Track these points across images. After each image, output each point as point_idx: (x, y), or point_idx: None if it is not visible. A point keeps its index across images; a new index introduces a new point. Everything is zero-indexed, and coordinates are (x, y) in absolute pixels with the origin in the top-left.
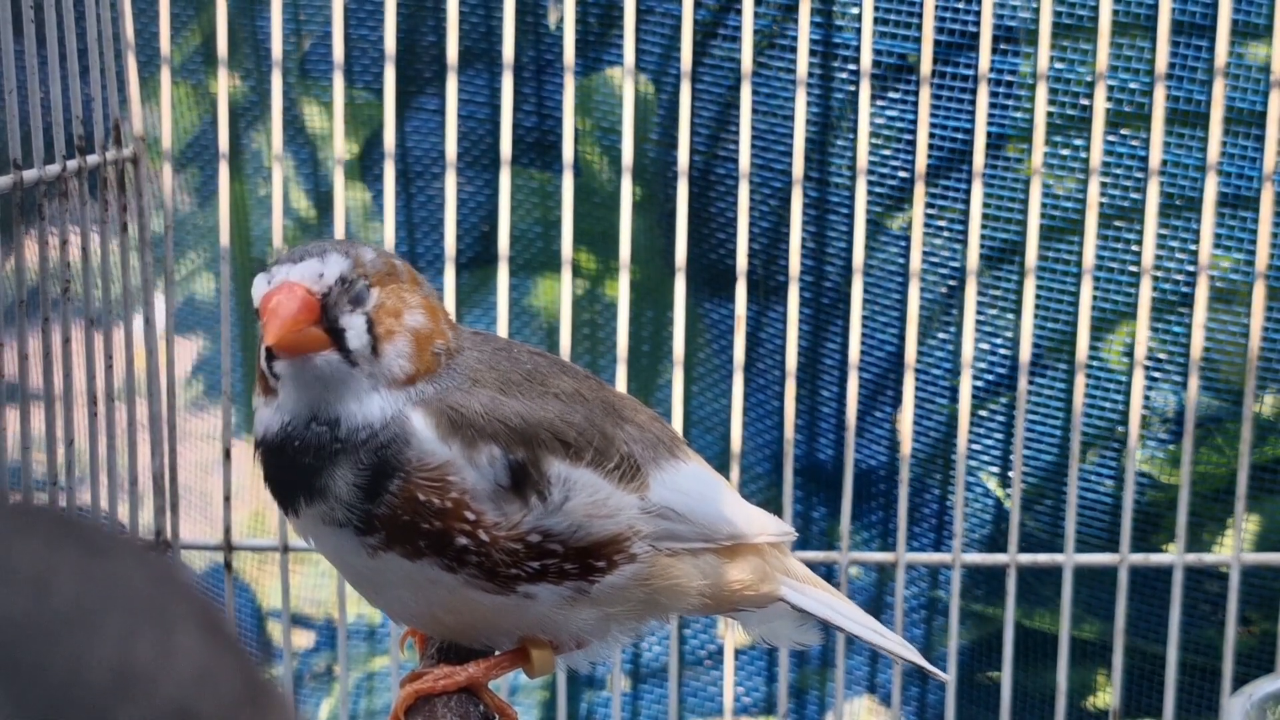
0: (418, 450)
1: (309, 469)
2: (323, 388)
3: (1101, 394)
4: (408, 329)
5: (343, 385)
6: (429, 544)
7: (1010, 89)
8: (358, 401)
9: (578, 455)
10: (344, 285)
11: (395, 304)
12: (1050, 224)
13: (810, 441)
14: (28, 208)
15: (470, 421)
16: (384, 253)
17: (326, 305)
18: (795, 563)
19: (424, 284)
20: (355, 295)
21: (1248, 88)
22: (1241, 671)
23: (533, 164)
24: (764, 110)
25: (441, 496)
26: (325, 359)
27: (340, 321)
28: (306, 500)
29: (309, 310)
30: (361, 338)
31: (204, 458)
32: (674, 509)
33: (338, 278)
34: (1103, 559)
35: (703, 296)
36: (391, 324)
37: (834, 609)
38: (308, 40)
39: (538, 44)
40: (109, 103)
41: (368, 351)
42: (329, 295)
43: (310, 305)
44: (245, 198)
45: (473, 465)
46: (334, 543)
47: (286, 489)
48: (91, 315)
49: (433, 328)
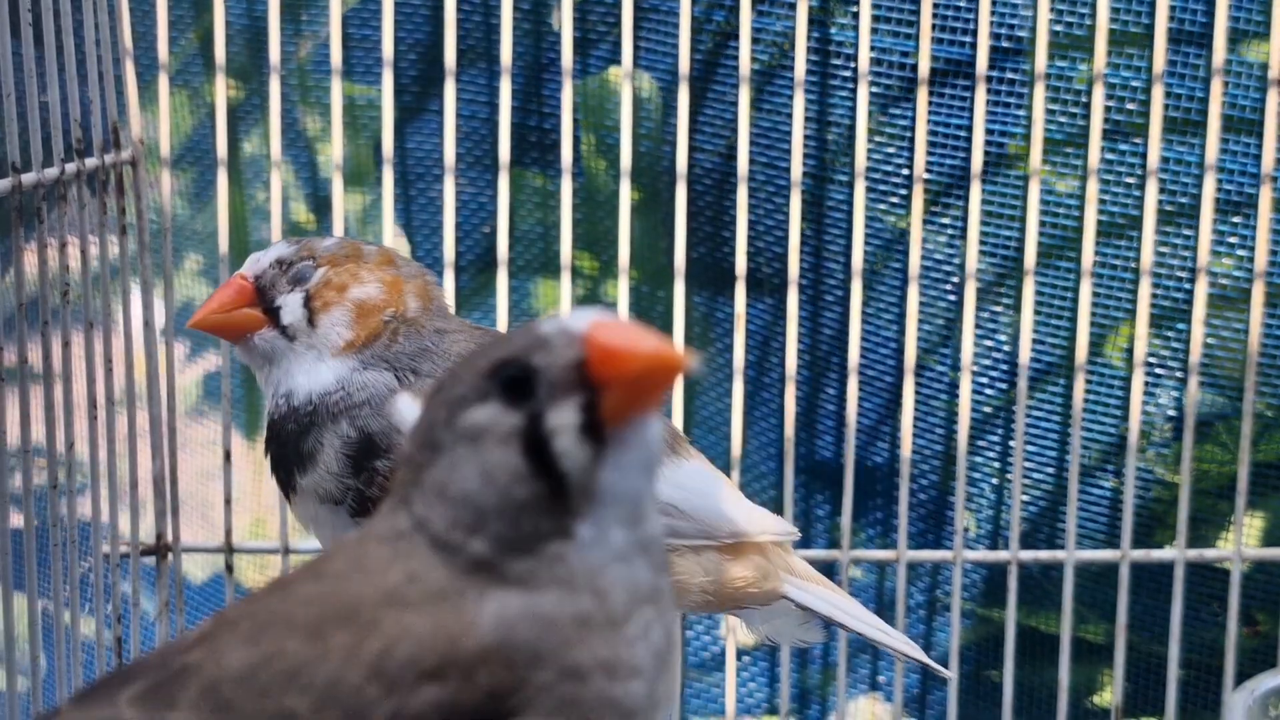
0: (407, 435)
1: (293, 434)
2: (270, 364)
3: (1124, 396)
4: (349, 300)
5: (285, 358)
6: None
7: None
8: (305, 374)
9: None
10: (281, 267)
11: (343, 280)
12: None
13: (814, 439)
14: (26, 212)
15: None
16: (353, 241)
17: (262, 287)
18: (798, 561)
19: (403, 265)
20: (296, 275)
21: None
22: (1244, 669)
23: (534, 164)
24: (779, 113)
25: None
26: (261, 336)
27: (276, 301)
28: (299, 468)
29: (239, 294)
30: (295, 313)
31: (205, 464)
32: (675, 505)
33: (273, 260)
34: (1104, 555)
35: (717, 295)
36: (331, 297)
37: (837, 606)
38: (308, 44)
39: (540, 45)
40: (107, 106)
41: (303, 324)
42: (262, 278)
43: (240, 290)
44: (243, 204)
45: None
46: (331, 523)
47: (280, 463)
48: (91, 319)
49: (385, 298)
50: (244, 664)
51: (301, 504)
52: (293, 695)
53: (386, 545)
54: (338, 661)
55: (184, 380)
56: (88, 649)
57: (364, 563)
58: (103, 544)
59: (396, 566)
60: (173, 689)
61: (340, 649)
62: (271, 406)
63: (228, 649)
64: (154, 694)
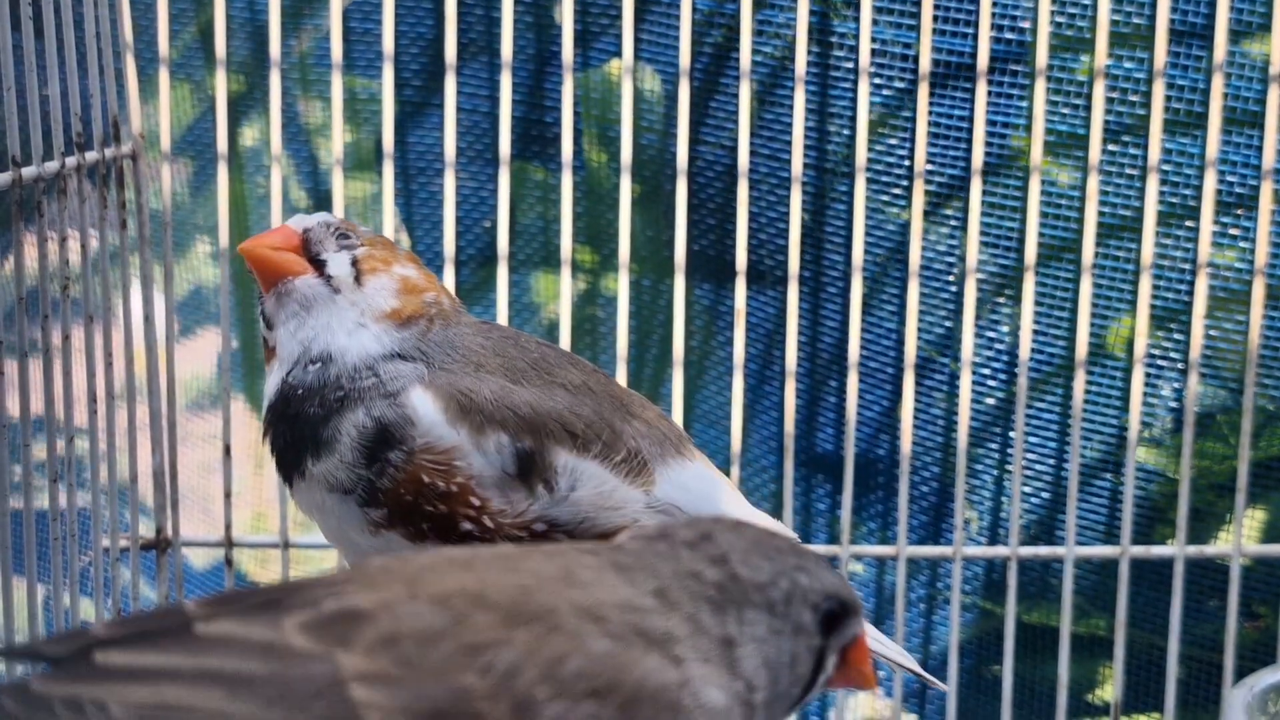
0: (424, 430)
1: (313, 419)
2: (306, 314)
3: (1149, 389)
4: (395, 272)
5: (326, 311)
6: (432, 526)
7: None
8: (346, 333)
9: (585, 447)
10: (328, 229)
11: (386, 255)
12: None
13: (814, 434)
14: (27, 205)
15: (479, 407)
16: (382, 235)
17: (309, 239)
18: None
19: (424, 266)
20: (342, 240)
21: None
22: (1245, 664)
23: (535, 159)
24: (781, 107)
25: (447, 480)
26: (305, 281)
27: (323, 255)
28: (313, 455)
29: (288, 237)
30: (344, 267)
31: (205, 458)
32: (679, 506)
33: (321, 222)
34: (1104, 552)
35: (720, 289)
36: (377, 264)
37: None
38: (308, 38)
39: (542, 38)
40: (107, 99)
41: (350, 280)
42: (310, 231)
43: (289, 234)
44: (244, 197)
45: (480, 451)
46: (338, 513)
47: (292, 446)
48: (91, 313)
49: (425, 283)
50: (429, 626)
51: (307, 491)
52: (473, 674)
53: (620, 574)
54: (520, 652)
55: (184, 373)
56: None
57: (576, 575)
58: (103, 538)
59: (620, 592)
60: (344, 628)
61: (524, 642)
62: (287, 378)
63: (406, 605)
64: (324, 628)
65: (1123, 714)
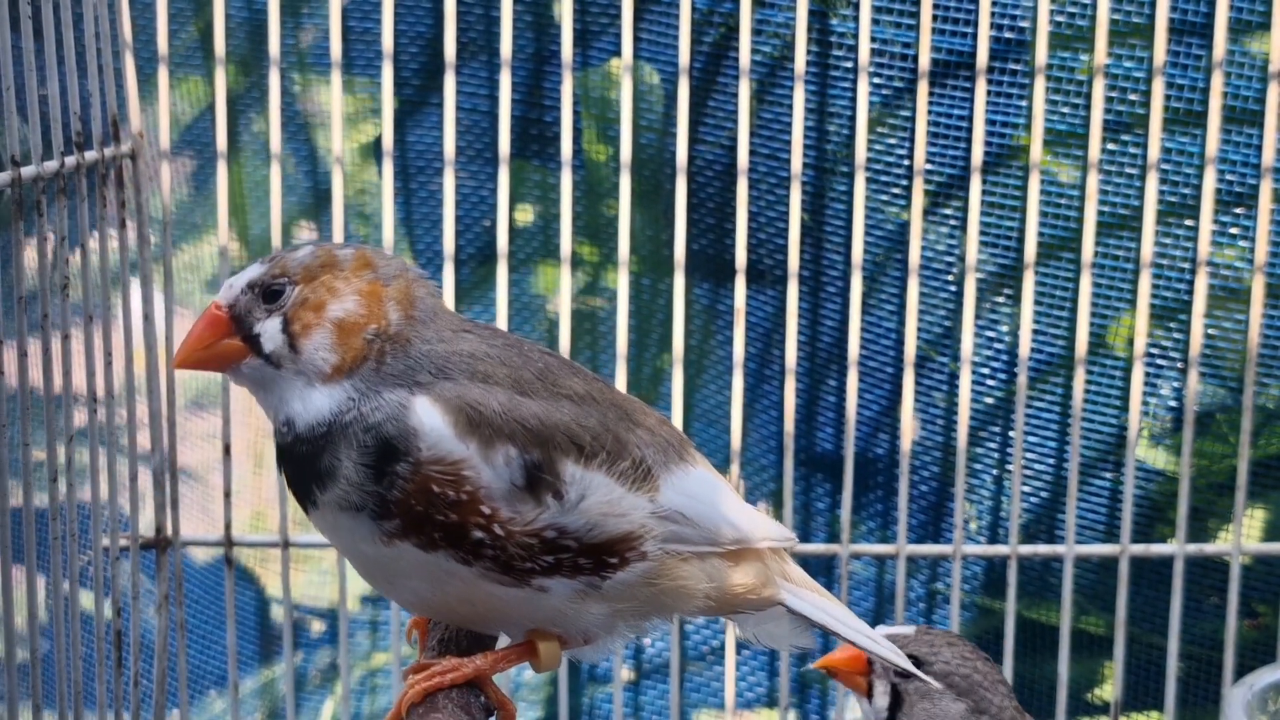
0: (430, 442)
1: (309, 458)
2: (262, 391)
3: (1149, 388)
4: (328, 320)
5: (275, 386)
6: (444, 536)
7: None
8: (300, 401)
9: (591, 457)
10: (254, 290)
11: (320, 298)
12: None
13: (814, 432)
14: (26, 205)
15: (488, 420)
16: (327, 248)
17: (236, 315)
18: (793, 566)
19: (381, 267)
20: (269, 300)
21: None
22: (1245, 662)
23: (535, 157)
24: (780, 105)
25: (456, 490)
26: (248, 364)
27: (255, 328)
28: (320, 487)
29: (213, 325)
30: (275, 339)
31: (205, 457)
32: (682, 513)
33: (244, 285)
34: (1104, 550)
35: (719, 288)
36: (308, 318)
37: (829, 614)
38: (308, 37)
39: (542, 37)
40: (107, 99)
41: (286, 350)
42: (236, 305)
43: (216, 321)
44: (244, 196)
45: (489, 464)
46: (350, 530)
47: (297, 481)
48: (90, 312)
49: (365, 314)
50: None
51: (322, 517)
52: None
53: None
54: None
55: (184, 373)
56: (87, 644)
57: None
58: (102, 537)
59: None
60: None
61: None
62: (276, 431)
63: None
64: None
65: (1122, 712)
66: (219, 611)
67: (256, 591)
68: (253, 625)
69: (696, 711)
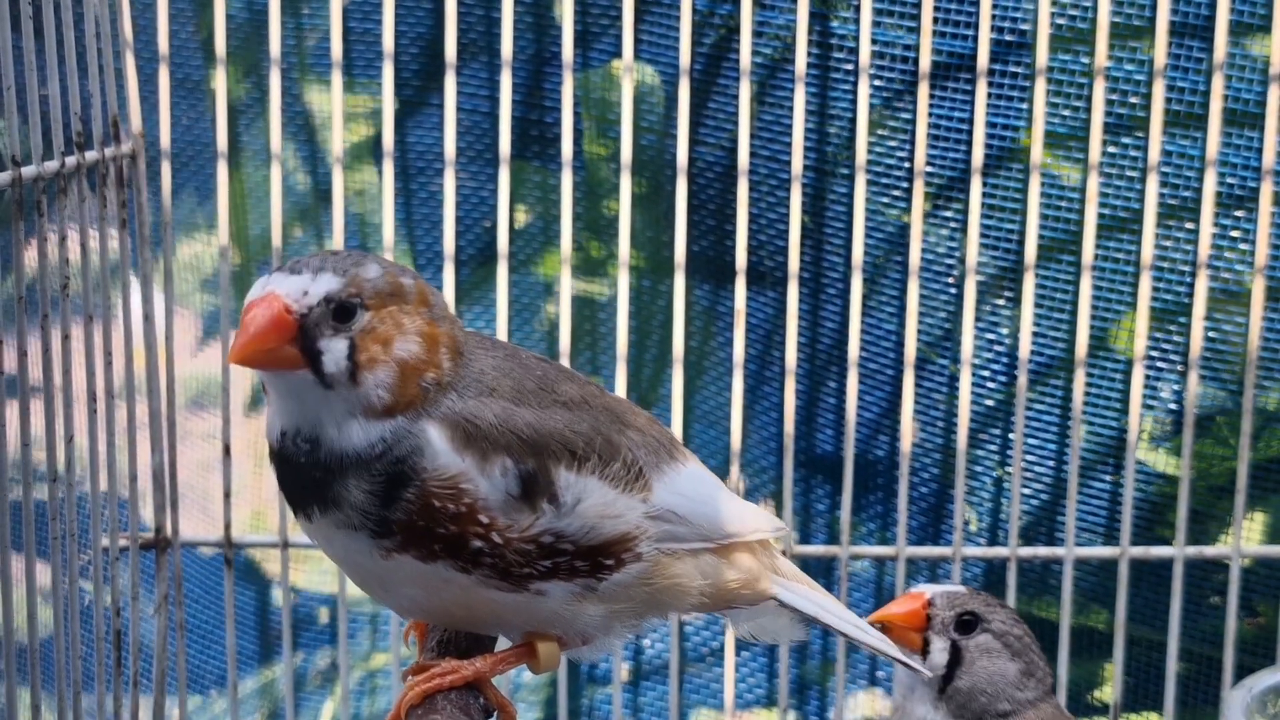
0: (432, 460)
1: (318, 482)
2: (298, 403)
3: (1149, 390)
4: (394, 359)
5: (317, 406)
6: (444, 547)
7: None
8: (335, 427)
9: (584, 462)
10: (329, 305)
11: (388, 330)
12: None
13: (814, 434)
14: (27, 205)
15: (484, 434)
16: (394, 269)
17: (306, 325)
18: (783, 560)
19: (435, 304)
20: (339, 318)
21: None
22: (1245, 663)
23: (535, 158)
24: (781, 107)
25: (456, 503)
26: (300, 377)
27: (319, 344)
28: (320, 509)
29: (280, 329)
30: (340, 363)
31: (205, 457)
32: (675, 511)
33: (322, 297)
34: (1103, 552)
35: (720, 289)
36: (377, 352)
37: (820, 606)
38: (309, 37)
39: (543, 38)
40: (108, 99)
41: (345, 378)
42: (308, 315)
43: (284, 324)
44: (244, 196)
45: (485, 477)
46: (345, 546)
47: (298, 498)
48: (90, 312)
49: (426, 359)
50: None
51: (316, 530)
52: None
53: None
54: None
55: (183, 372)
56: (87, 643)
57: None
58: (102, 537)
59: None
60: None
61: None
62: (284, 438)
63: None
64: None
65: (1121, 714)
66: (219, 612)
67: (259, 585)
68: (253, 625)
69: (696, 712)
